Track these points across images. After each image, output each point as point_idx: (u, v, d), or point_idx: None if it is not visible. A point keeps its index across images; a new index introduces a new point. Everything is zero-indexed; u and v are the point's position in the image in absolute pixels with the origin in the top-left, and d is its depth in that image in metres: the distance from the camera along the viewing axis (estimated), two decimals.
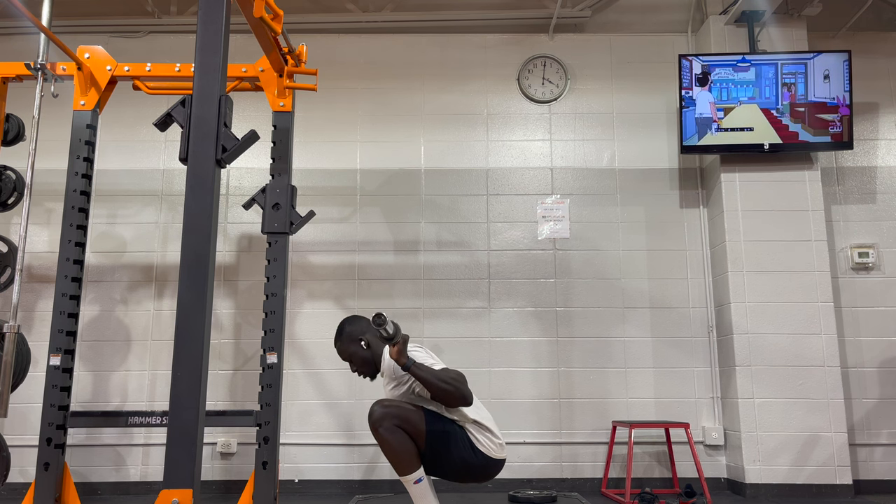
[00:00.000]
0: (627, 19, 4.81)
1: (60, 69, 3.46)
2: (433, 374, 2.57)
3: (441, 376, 2.57)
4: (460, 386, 2.57)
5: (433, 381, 2.55)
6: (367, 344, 2.82)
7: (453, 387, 2.55)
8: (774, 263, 4.17)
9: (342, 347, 2.87)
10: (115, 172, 4.50)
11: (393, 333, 2.52)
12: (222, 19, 2.44)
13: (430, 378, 2.55)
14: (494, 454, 2.69)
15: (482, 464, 2.67)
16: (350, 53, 4.69)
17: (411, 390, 2.70)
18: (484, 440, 2.67)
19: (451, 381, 2.56)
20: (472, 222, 4.49)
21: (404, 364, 2.55)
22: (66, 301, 3.23)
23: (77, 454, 4.12)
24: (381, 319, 2.45)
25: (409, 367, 2.55)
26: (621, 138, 4.60)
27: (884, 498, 3.97)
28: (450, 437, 2.63)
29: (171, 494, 2.10)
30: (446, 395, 2.57)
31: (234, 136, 2.39)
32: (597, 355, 4.32)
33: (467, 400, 2.59)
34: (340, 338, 2.87)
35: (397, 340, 2.54)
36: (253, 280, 4.37)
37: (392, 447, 2.58)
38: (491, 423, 2.73)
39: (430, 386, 2.56)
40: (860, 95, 4.52)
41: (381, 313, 2.44)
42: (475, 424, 2.69)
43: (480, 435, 2.67)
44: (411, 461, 2.60)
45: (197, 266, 2.26)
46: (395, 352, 2.55)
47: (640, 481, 4.11)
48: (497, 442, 2.71)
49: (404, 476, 2.60)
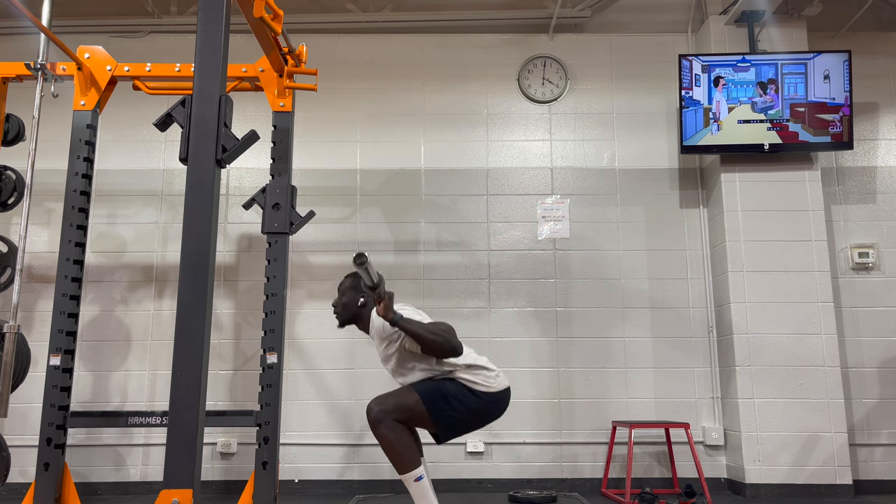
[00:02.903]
0: (627, 19, 4.81)
1: (60, 69, 3.46)
2: (422, 326, 2.60)
3: (430, 328, 2.61)
4: (449, 337, 2.61)
5: (422, 334, 2.58)
6: (363, 304, 2.84)
7: (442, 338, 2.59)
8: (774, 263, 4.17)
9: (343, 287, 2.89)
10: (115, 172, 4.50)
11: (377, 282, 2.50)
12: (222, 19, 2.44)
13: (419, 331, 2.59)
14: (496, 388, 2.72)
15: (490, 402, 2.71)
16: (350, 53, 4.69)
17: (402, 346, 2.71)
18: (481, 380, 2.70)
19: (440, 333, 2.60)
20: (472, 222, 4.49)
21: (391, 319, 2.58)
22: (66, 301, 3.23)
23: (77, 454, 4.12)
24: (362, 259, 2.36)
25: (398, 322, 2.58)
26: (621, 138, 4.60)
27: (884, 498, 3.97)
28: (450, 399, 2.65)
29: (171, 494, 2.10)
30: (436, 347, 2.60)
31: (234, 136, 2.39)
32: (597, 355, 4.32)
33: (457, 350, 2.63)
34: (351, 278, 2.90)
35: (381, 292, 2.54)
36: (253, 280, 4.37)
37: (392, 445, 2.59)
38: (483, 361, 2.77)
39: (419, 339, 2.59)
40: (860, 95, 4.52)
41: (363, 253, 2.37)
42: (468, 369, 2.71)
43: (476, 377, 2.71)
44: (411, 459, 2.60)
45: (197, 266, 2.26)
46: (381, 308, 2.57)
47: (640, 481, 4.11)
48: (493, 374, 2.74)
49: (404, 474, 2.60)
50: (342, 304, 2.87)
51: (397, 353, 2.73)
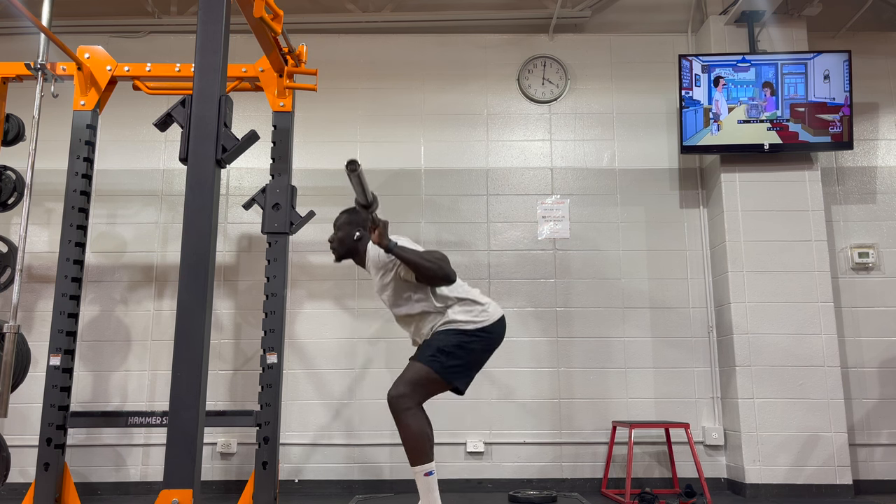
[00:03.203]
0: (627, 19, 4.81)
1: (60, 69, 3.46)
2: (416, 254, 2.64)
3: (424, 255, 2.65)
4: (443, 265, 2.66)
5: (417, 261, 2.62)
6: (360, 237, 2.87)
7: (436, 265, 2.64)
8: (774, 263, 4.17)
9: (339, 222, 2.92)
10: (115, 172, 4.50)
11: (370, 201, 2.51)
12: (222, 19, 2.44)
13: (414, 258, 2.63)
14: (490, 321, 2.74)
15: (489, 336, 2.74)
16: (350, 53, 4.69)
17: (397, 275, 2.73)
18: (474, 317, 2.72)
19: (434, 260, 2.65)
20: (472, 222, 4.49)
21: (386, 246, 2.61)
22: (66, 301, 3.23)
23: (77, 454, 4.12)
24: (354, 166, 2.29)
25: (392, 249, 2.62)
26: (621, 138, 4.60)
27: (884, 498, 3.97)
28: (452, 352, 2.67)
29: (171, 494, 2.10)
30: (430, 274, 2.64)
31: (234, 136, 2.39)
32: (597, 355, 4.32)
33: (450, 277, 2.67)
34: (347, 214, 2.92)
35: (375, 216, 2.56)
36: (253, 280, 4.37)
37: (414, 434, 2.61)
38: (475, 295, 2.79)
39: (413, 265, 2.63)
40: (860, 95, 4.52)
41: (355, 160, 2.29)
42: (461, 304, 2.73)
43: (469, 314, 2.72)
44: (428, 452, 2.62)
45: (197, 266, 2.26)
46: (376, 235, 2.60)
47: (640, 481, 4.10)
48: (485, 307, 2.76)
49: (418, 465, 2.61)
50: (338, 238, 2.90)
51: (393, 283, 2.76)
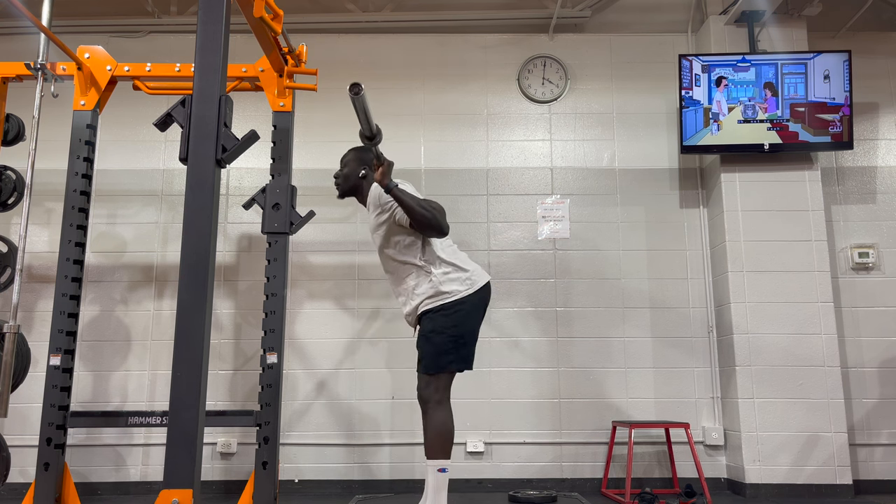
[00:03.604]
0: (627, 19, 4.81)
1: (60, 69, 3.46)
2: (414, 199, 2.67)
3: (421, 203, 2.67)
4: (438, 215, 2.69)
5: (413, 206, 2.65)
6: (364, 175, 2.90)
7: (431, 214, 2.66)
8: (774, 263, 4.17)
9: (346, 158, 2.95)
10: (115, 172, 4.50)
11: (374, 132, 2.52)
12: (222, 19, 2.44)
13: (411, 202, 2.65)
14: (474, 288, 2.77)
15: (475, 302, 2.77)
16: (350, 53, 4.69)
17: (393, 217, 2.75)
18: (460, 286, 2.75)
19: (430, 209, 2.67)
20: (472, 222, 4.49)
21: (387, 185, 2.63)
22: (66, 301, 3.23)
23: (77, 454, 4.12)
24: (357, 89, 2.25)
25: (392, 189, 2.64)
26: (621, 138, 4.60)
27: (884, 498, 3.97)
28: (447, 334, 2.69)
29: (171, 494, 2.10)
30: (424, 221, 2.66)
31: (234, 136, 2.39)
32: (597, 355, 4.32)
33: (443, 229, 2.70)
34: (354, 151, 2.95)
35: (378, 142, 2.57)
36: (253, 280, 4.37)
37: (437, 427, 2.64)
38: (460, 260, 2.82)
39: (410, 210, 2.65)
40: (860, 95, 4.52)
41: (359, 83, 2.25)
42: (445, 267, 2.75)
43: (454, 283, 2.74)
44: (446, 448, 2.64)
45: (197, 266, 2.26)
46: (379, 173, 2.62)
47: (640, 481, 4.10)
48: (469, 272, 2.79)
49: (436, 459, 2.63)
50: (343, 174, 2.94)
51: (387, 225, 2.78)
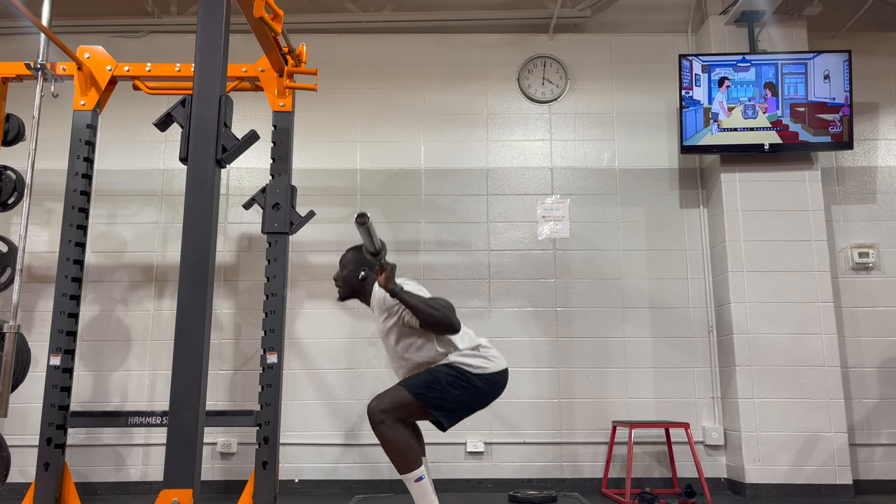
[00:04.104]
0: (627, 19, 4.81)
1: (60, 69, 3.46)
2: (422, 300, 2.61)
3: (429, 302, 2.61)
4: (448, 313, 2.61)
5: (422, 307, 2.59)
6: (365, 277, 2.84)
7: (441, 313, 2.59)
8: (774, 263, 4.17)
9: (345, 260, 2.90)
10: (115, 172, 4.50)
11: (379, 248, 2.51)
12: (222, 19, 2.44)
13: (419, 304, 2.59)
14: (494, 368, 2.71)
15: (487, 385, 2.69)
16: (350, 53, 4.69)
17: (401, 319, 2.70)
18: (477, 361, 2.69)
19: (439, 308, 2.60)
20: (472, 222, 4.49)
21: (392, 290, 2.59)
22: (66, 301, 3.23)
23: (77, 454, 4.12)
24: (364, 219, 2.32)
25: (398, 293, 2.59)
26: (621, 138, 4.60)
27: (884, 498, 3.97)
28: (444, 386, 2.63)
29: (171, 494, 2.10)
30: (434, 321, 2.60)
31: (234, 136, 2.39)
32: (597, 355, 4.32)
33: (455, 327, 2.63)
34: (353, 252, 2.90)
35: (383, 261, 2.55)
36: (253, 280, 4.37)
37: (394, 445, 2.59)
38: (481, 342, 2.76)
39: (418, 312, 2.59)
40: (860, 95, 4.52)
41: (365, 213, 2.33)
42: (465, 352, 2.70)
43: (473, 359, 2.69)
44: (412, 459, 2.60)
45: (197, 266, 2.26)
46: (383, 278, 2.58)
47: (640, 481, 4.10)
48: (491, 354, 2.74)
49: (405, 474, 2.60)
50: (343, 277, 2.87)
51: (396, 328, 2.73)
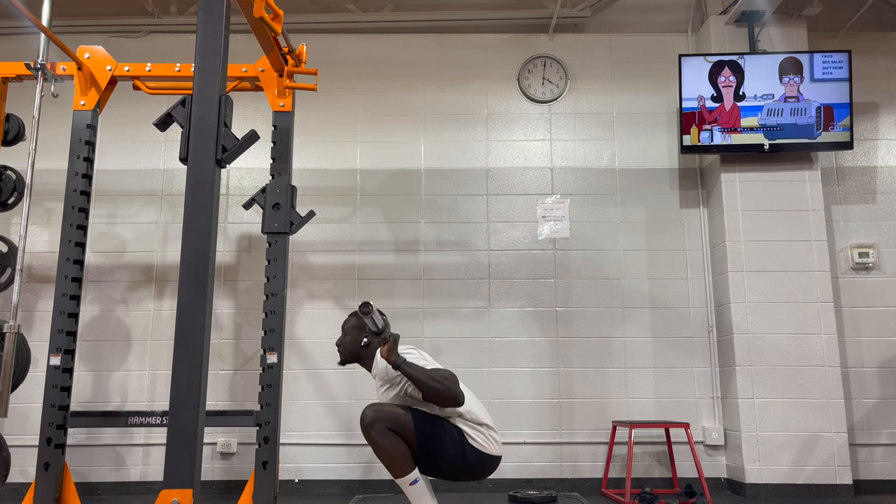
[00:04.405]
0: (627, 19, 4.81)
1: (60, 69, 3.46)
2: (424, 373, 2.58)
3: (432, 375, 2.58)
4: (451, 385, 2.58)
5: (424, 380, 2.57)
6: (367, 344, 2.84)
7: (444, 386, 2.57)
8: (774, 263, 4.17)
9: (347, 326, 2.90)
10: (115, 172, 4.50)
11: (382, 328, 2.53)
12: (222, 19, 2.44)
13: (421, 377, 2.57)
14: (490, 450, 2.69)
15: (477, 461, 2.67)
16: (350, 53, 4.69)
17: (403, 391, 2.70)
18: (478, 437, 2.68)
19: (442, 381, 2.58)
20: (472, 222, 4.49)
21: (394, 362, 2.57)
22: (66, 301, 3.23)
23: (77, 454, 4.12)
24: (367, 308, 2.41)
25: (400, 366, 2.57)
26: (621, 138, 4.60)
27: (884, 498, 3.97)
28: (441, 437, 2.64)
29: (171, 494, 2.10)
30: (437, 395, 2.58)
31: (234, 136, 2.39)
32: (597, 355, 4.32)
33: (458, 400, 2.60)
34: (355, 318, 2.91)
35: (386, 336, 2.55)
36: (253, 280, 4.37)
37: (385, 450, 2.59)
38: (486, 419, 2.73)
39: (420, 385, 2.57)
40: (860, 95, 4.52)
41: (368, 302, 2.41)
42: (469, 422, 2.69)
43: (475, 432, 2.68)
44: (405, 463, 2.60)
45: (197, 266, 2.26)
46: (385, 350, 2.57)
47: (640, 481, 4.11)
48: (493, 437, 2.71)
49: (400, 478, 2.60)
50: (345, 343, 2.88)
51: (399, 399, 2.72)
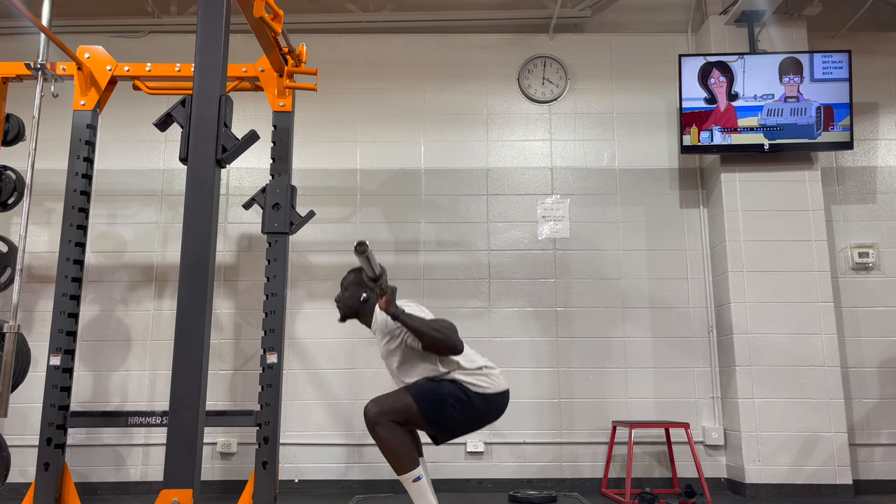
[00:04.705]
0: (627, 19, 4.81)
1: (60, 69, 3.46)
2: (423, 322, 2.61)
3: (432, 325, 2.62)
4: (450, 334, 2.62)
5: (424, 330, 2.59)
6: (366, 299, 2.84)
7: (444, 335, 2.60)
8: (774, 263, 4.17)
9: (346, 282, 2.90)
10: (115, 172, 4.50)
11: (379, 274, 2.51)
12: (222, 19, 2.44)
13: (421, 327, 2.60)
14: (494, 389, 2.71)
15: (486, 406, 2.70)
16: (350, 53, 4.69)
17: (404, 342, 2.71)
18: (479, 381, 2.70)
19: (441, 330, 2.61)
20: (472, 222, 4.49)
21: (393, 313, 2.59)
22: (66, 301, 3.23)
23: (77, 454, 4.12)
24: (363, 247, 2.36)
25: (399, 316, 2.60)
26: (621, 138, 4.60)
27: (884, 498, 3.97)
28: (445, 404, 2.64)
29: (171, 494, 2.10)
30: (437, 343, 2.61)
31: (234, 136, 2.39)
32: (597, 355, 4.32)
33: (457, 348, 2.63)
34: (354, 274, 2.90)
35: (383, 285, 2.56)
36: (253, 280, 4.37)
37: (390, 446, 2.59)
38: (483, 360, 2.77)
39: (420, 334, 2.60)
40: (860, 95, 4.52)
41: (364, 241, 2.36)
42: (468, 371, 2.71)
43: (474, 378, 2.70)
44: (409, 460, 2.60)
45: (197, 266, 2.26)
46: (384, 302, 2.58)
47: (640, 481, 4.11)
48: (493, 374, 2.74)
49: (403, 475, 2.60)
50: (344, 298, 2.87)
51: (399, 350, 2.73)
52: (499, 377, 2.75)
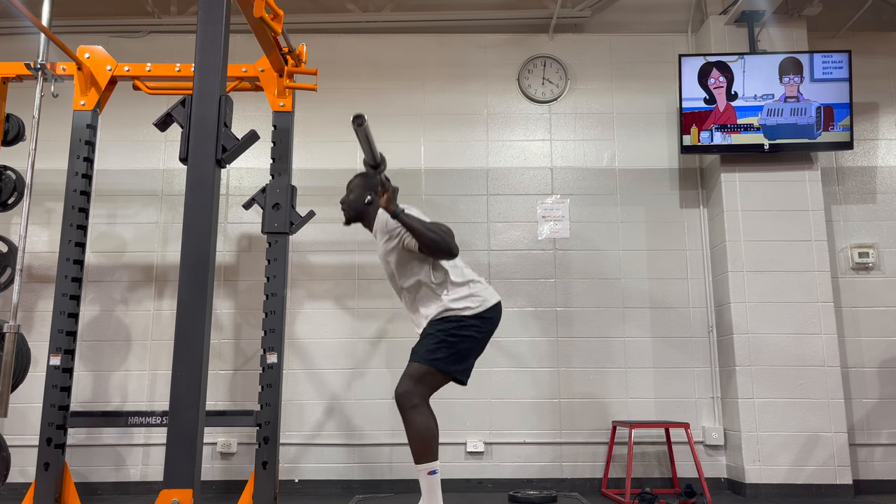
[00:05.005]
0: (627, 19, 4.81)
1: (60, 69, 3.46)
2: (422, 223, 2.66)
3: (429, 226, 2.67)
4: (447, 237, 2.68)
5: (421, 230, 2.64)
6: (370, 201, 2.88)
7: (440, 237, 2.66)
8: (774, 263, 4.17)
9: (352, 184, 2.94)
10: (115, 172, 4.50)
11: (378, 161, 2.50)
12: (222, 19, 2.44)
13: (419, 227, 2.64)
14: (485, 304, 2.75)
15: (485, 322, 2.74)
16: (350, 53, 4.69)
17: (402, 242, 2.74)
18: (471, 301, 2.73)
19: (438, 232, 2.67)
20: (472, 222, 4.49)
21: (393, 211, 2.64)
22: (66, 301, 3.23)
23: (77, 454, 4.12)
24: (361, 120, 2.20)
25: (399, 215, 2.65)
26: (621, 138, 4.60)
27: (884, 498, 3.97)
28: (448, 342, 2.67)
29: (171, 494, 2.10)
30: (433, 245, 2.65)
31: (234, 136, 2.39)
32: (597, 355, 4.32)
33: (452, 251, 2.69)
34: (360, 178, 2.94)
35: (383, 171, 2.56)
36: (253, 280, 4.37)
37: (420, 433, 2.60)
38: (472, 274, 2.81)
39: (418, 234, 2.64)
40: (860, 95, 4.52)
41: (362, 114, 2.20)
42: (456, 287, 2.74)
43: (465, 301, 2.73)
44: (432, 450, 2.61)
45: (197, 266, 2.27)
46: (385, 199, 2.63)
47: (640, 481, 4.10)
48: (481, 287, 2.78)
49: (423, 464, 2.60)
50: (349, 201, 2.93)
51: (396, 252, 2.77)
52: (487, 289, 2.79)
